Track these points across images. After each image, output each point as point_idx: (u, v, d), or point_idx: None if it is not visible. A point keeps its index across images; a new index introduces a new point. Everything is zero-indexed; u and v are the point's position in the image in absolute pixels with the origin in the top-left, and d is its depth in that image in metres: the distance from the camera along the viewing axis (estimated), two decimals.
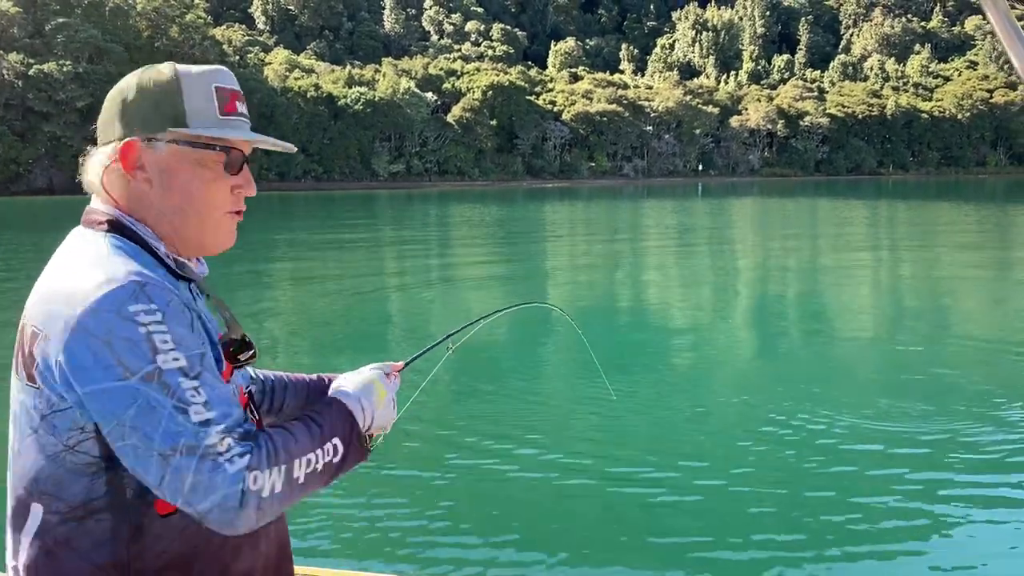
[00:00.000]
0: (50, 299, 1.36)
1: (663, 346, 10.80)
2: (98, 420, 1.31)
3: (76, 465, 1.35)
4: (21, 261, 21.97)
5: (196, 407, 1.30)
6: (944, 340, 10.83)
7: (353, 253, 23.59)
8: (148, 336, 1.30)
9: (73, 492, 1.35)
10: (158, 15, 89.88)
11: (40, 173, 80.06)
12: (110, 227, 1.45)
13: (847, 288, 16.05)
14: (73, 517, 1.36)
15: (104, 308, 1.30)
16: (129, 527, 1.37)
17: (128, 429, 1.28)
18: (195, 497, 1.28)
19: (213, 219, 1.50)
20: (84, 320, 1.30)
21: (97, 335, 1.29)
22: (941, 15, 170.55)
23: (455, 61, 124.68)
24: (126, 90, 1.48)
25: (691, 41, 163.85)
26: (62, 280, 1.37)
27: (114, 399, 1.28)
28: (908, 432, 6.81)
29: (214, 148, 1.47)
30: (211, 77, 1.49)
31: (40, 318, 1.35)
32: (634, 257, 22.74)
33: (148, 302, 1.32)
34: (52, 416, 1.34)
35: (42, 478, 1.37)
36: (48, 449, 1.35)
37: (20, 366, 1.39)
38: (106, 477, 1.35)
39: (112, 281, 1.32)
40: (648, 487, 5.82)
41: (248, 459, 1.30)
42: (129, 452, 1.29)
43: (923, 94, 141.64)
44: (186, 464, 1.27)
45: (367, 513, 5.37)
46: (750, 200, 58.63)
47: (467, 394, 8.22)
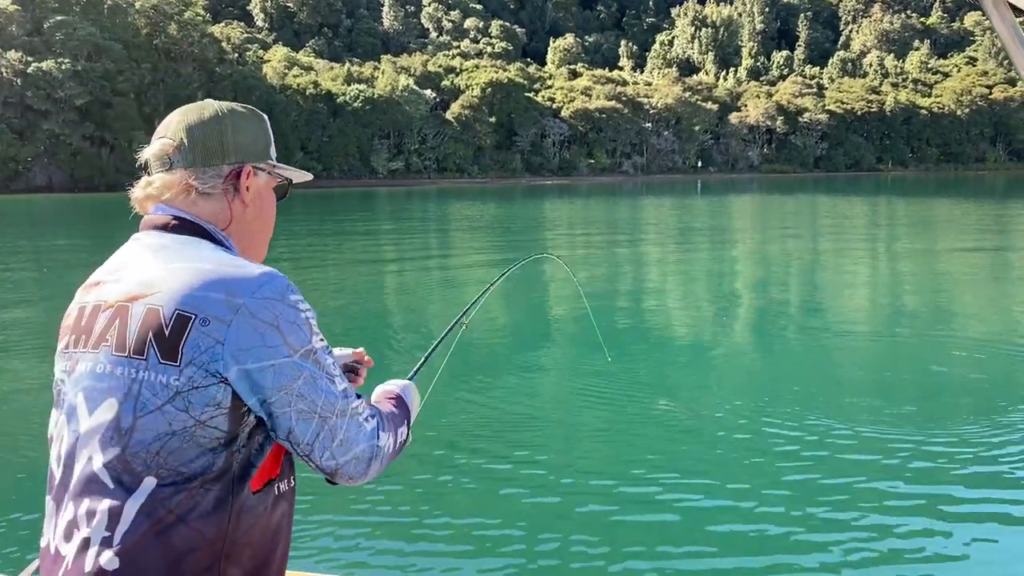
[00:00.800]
0: (201, 287, 1.49)
1: (664, 343, 10.78)
2: (267, 392, 1.48)
3: (202, 439, 1.47)
4: (19, 260, 21.95)
5: (338, 378, 1.57)
6: (947, 339, 10.81)
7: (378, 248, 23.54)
8: (307, 320, 1.54)
9: (193, 465, 1.47)
10: (157, 13, 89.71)
11: (39, 171, 79.96)
12: (201, 235, 1.63)
13: (850, 285, 16.05)
14: (187, 488, 1.47)
15: (272, 296, 1.50)
16: (231, 499, 1.50)
17: (295, 397, 1.49)
18: (340, 450, 1.55)
19: (267, 236, 1.79)
20: (253, 306, 1.48)
21: (265, 319, 1.48)
22: (940, 11, 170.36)
23: (454, 58, 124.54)
24: (225, 120, 1.67)
25: (690, 37, 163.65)
26: (208, 271, 1.52)
27: (285, 372, 1.49)
28: (907, 433, 6.80)
29: (287, 181, 1.80)
30: (268, 121, 1.79)
31: (187, 303, 1.48)
32: (633, 255, 22.73)
33: (299, 293, 1.56)
34: (190, 393, 1.46)
35: (164, 451, 1.47)
36: (176, 424, 1.46)
37: (140, 347, 1.49)
38: (225, 452, 1.49)
39: (271, 274, 1.54)
40: (647, 488, 5.82)
41: (376, 420, 1.63)
42: (293, 415, 1.50)
43: (922, 90, 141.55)
44: (340, 424, 1.54)
45: (360, 517, 5.36)
46: (749, 197, 58.60)
47: (465, 392, 8.21)
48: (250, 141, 1.70)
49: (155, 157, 1.65)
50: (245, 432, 1.51)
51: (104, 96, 79.54)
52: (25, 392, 8.60)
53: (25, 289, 16.33)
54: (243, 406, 1.49)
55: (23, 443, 6.99)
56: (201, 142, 1.64)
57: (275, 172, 1.75)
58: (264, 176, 1.73)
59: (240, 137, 1.68)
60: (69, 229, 32.47)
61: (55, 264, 20.62)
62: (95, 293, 1.59)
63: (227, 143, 1.66)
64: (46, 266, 20.08)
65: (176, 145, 1.64)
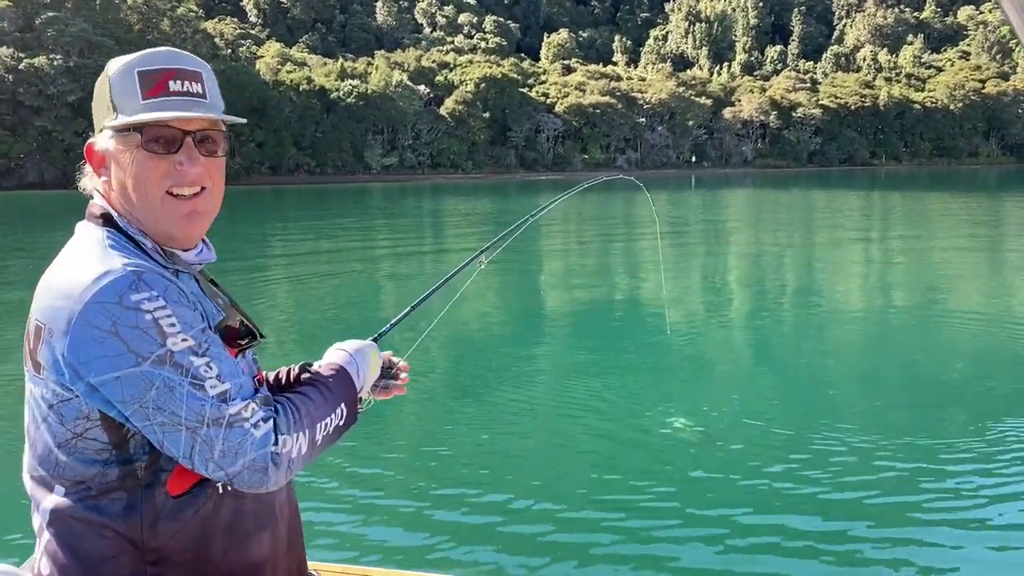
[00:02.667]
0: (51, 294, 1.41)
1: (661, 342, 10.83)
2: (118, 406, 1.37)
3: (86, 451, 1.41)
4: (14, 257, 21.90)
5: (211, 381, 1.39)
6: (952, 339, 10.88)
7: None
8: (155, 321, 1.37)
9: (87, 475, 1.42)
10: (149, 8, 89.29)
11: (31, 167, 79.58)
12: (104, 221, 1.51)
13: (848, 280, 16.11)
14: (89, 496, 1.42)
15: (106, 300, 1.35)
16: (143, 506, 1.43)
17: (152, 410, 1.36)
18: (225, 461, 1.38)
19: (154, 200, 1.51)
20: (87, 313, 1.35)
21: (102, 327, 1.34)
22: (934, 5, 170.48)
23: (448, 53, 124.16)
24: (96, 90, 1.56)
25: (684, 32, 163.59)
26: (61, 275, 1.42)
27: (132, 384, 1.35)
28: (896, 434, 6.85)
29: (128, 131, 1.50)
30: (135, 63, 1.52)
31: (43, 313, 1.41)
32: (628, 250, 22.77)
33: (148, 289, 1.38)
34: (59, 406, 1.40)
35: (59, 462, 1.43)
36: (58, 437, 1.42)
37: (27, 357, 1.46)
38: (117, 461, 1.42)
39: (109, 273, 1.38)
40: (650, 490, 5.86)
41: (274, 423, 1.44)
42: (156, 430, 1.37)
43: (916, 84, 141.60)
44: (214, 434, 1.38)
45: (374, 505, 5.39)
46: (743, 192, 58.66)
47: (457, 377, 8.24)
48: (96, 109, 1.54)
49: None
50: (136, 440, 1.41)
51: None
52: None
53: (19, 284, 16.32)
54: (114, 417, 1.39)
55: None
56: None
57: (115, 126, 1.50)
58: (106, 136, 1.52)
59: (95, 104, 1.55)
60: (62, 225, 32.25)
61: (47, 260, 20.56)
62: None
63: (95, 115, 1.55)
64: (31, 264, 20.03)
65: None
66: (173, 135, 1.51)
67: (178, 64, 1.53)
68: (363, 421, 1.65)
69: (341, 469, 5.91)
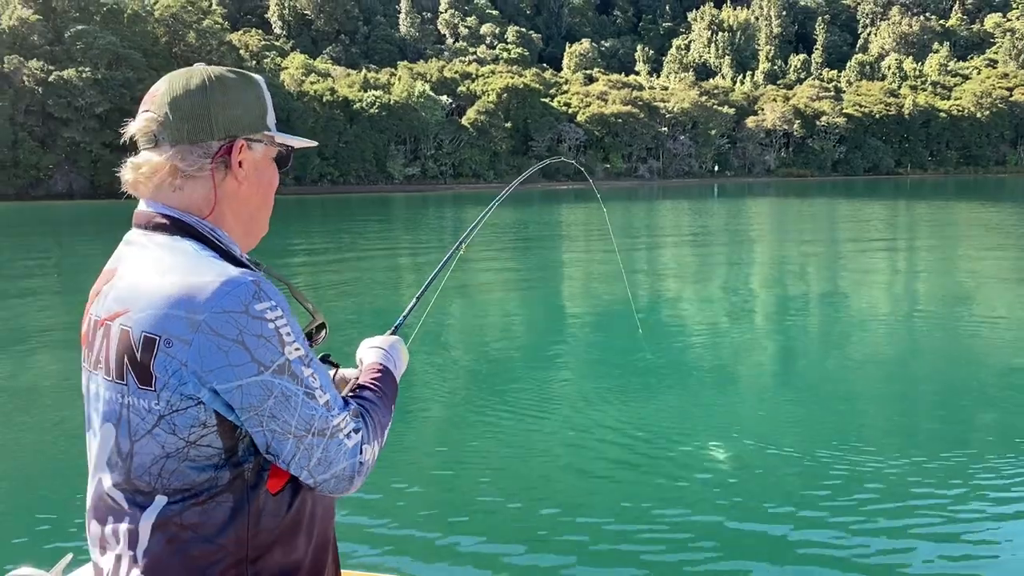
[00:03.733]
0: (162, 304, 1.39)
1: (683, 355, 10.75)
2: (236, 411, 1.40)
3: (199, 458, 1.42)
4: (47, 265, 22.20)
5: (318, 391, 1.44)
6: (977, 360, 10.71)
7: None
8: (276, 331, 1.40)
9: (197, 482, 1.43)
10: (175, 21, 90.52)
11: (60, 178, 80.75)
12: (184, 232, 1.50)
13: (876, 291, 15.93)
14: (196, 503, 1.43)
15: (232, 309, 1.38)
16: (249, 507, 1.45)
17: (267, 418, 1.40)
18: (319, 469, 1.44)
19: (267, 212, 1.65)
20: (212, 322, 1.37)
21: (228, 336, 1.37)
22: (960, 13, 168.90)
23: (470, 64, 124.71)
24: (213, 90, 1.51)
25: (707, 42, 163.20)
26: (167, 284, 1.41)
27: (253, 392, 1.38)
28: (920, 455, 6.74)
29: (286, 149, 1.63)
30: (264, 85, 1.61)
31: (152, 323, 1.39)
32: (650, 258, 22.69)
33: (268, 299, 1.41)
34: (172, 416, 1.40)
35: (165, 473, 1.43)
36: (169, 446, 1.42)
37: (120, 371, 1.44)
38: (228, 465, 1.44)
39: (231, 283, 1.39)
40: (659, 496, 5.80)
41: (361, 435, 1.50)
42: (267, 435, 1.41)
43: (941, 93, 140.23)
44: (316, 443, 1.43)
45: (397, 511, 5.38)
46: (767, 201, 58.29)
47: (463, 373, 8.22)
48: (242, 112, 1.53)
49: (140, 133, 1.52)
50: (245, 443, 1.44)
51: (124, 104, 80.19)
52: (56, 388, 8.70)
53: (47, 293, 16.52)
54: (230, 422, 1.42)
55: (56, 438, 7.08)
56: (187, 117, 1.49)
57: (273, 142, 1.59)
58: (260, 148, 1.57)
59: (231, 108, 1.52)
60: (88, 234, 32.79)
61: (75, 269, 20.84)
62: (96, 304, 1.53)
63: (215, 116, 1.50)
64: (57, 273, 20.24)
65: (160, 120, 1.50)
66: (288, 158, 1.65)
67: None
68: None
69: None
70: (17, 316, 13.85)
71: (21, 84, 78.00)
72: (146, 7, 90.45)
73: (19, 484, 6.32)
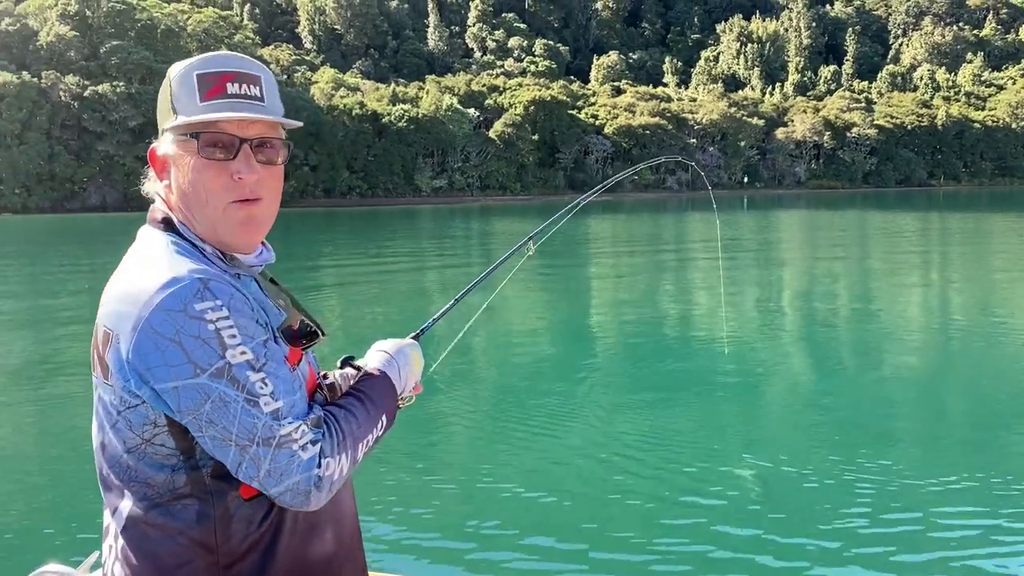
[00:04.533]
0: (118, 299, 1.40)
1: (718, 371, 10.62)
2: (176, 413, 1.36)
3: (155, 457, 1.40)
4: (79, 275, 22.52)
5: (265, 398, 1.37)
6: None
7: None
8: (217, 332, 1.35)
9: (157, 481, 1.41)
10: (208, 36, 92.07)
11: (94, 191, 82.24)
12: (166, 226, 1.50)
13: (914, 306, 15.67)
14: (161, 503, 1.41)
15: (171, 307, 1.34)
16: (215, 511, 1.42)
17: (205, 423, 1.35)
18: (270, 481, 1.37)
19: (213, 209, 1.48)
20: (152, 320, 1.34)
21: (166, 335, 1.33)
22: (994, 23, 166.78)
23: (498, 77, 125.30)
24: (160, 91, 1.56)
25: (736, 53, 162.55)
26: (127, 281, 1.42)
27: (188, 396, 1.33)
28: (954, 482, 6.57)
29: (186, 136, 1.48)
30: (195, 65, 1.50)
31: (110, 318, 1.41)
32: (679, 268, 22.54)
33: (213, 298, 1.36)
34: (126, 412, 1.40)
35: (128, 468, 1.43)
36: (128, 443, 1.42)
37: (96, 363, 1.46)
38: (186, 467, 1.41)
39: (176, 280, 1.36)
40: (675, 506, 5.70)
41: (320, 446, 1.40)
42: (207, 442, 1.37)
43: (975, 103, 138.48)
44: (263, 453, 1.36)
45: (422, 513, 5.34)
46: (797, 213, 57.78)
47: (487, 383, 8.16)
48: (158, 111, 1.54)
49: None
50: (209, 449, 1.39)
51: (157, 118, 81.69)
52: (90, 385, 8.79)
53: (86, 300, 16.76)
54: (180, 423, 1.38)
55: (89, 434, 7.14)
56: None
57: (179, 129, 1.48)
58: (169, 140, 1.51)
59: (158, 108, 1.54)
60: (121, 244, 33.18)
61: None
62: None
63: (159, 119, 1.54)
64: (88, 283, 20.54)
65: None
66: (230, 140, 1.47)
67: (237, 67, 1.50)
68: (406, 444, 1.66)
69: (400, 481, 5.87)
70: (52, 319, 14.06)
71: (58, 99, 79.67)
72: (179, 23, 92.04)
73: (52, 480, 6.35)
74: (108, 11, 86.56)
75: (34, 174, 78.60)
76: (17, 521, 5.62)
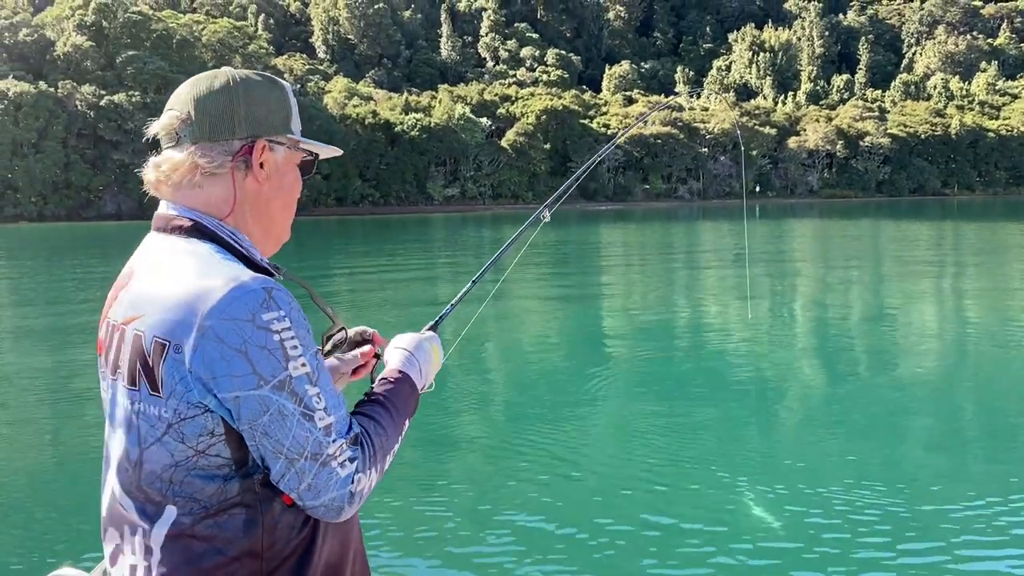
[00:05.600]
0: (172, 307, 1.36)
1: (729, 389, 10.61)
2: (234, 422, 1.36)
3: (208, 468, 1.38)
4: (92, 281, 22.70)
5: (319, 413, 1.38)
6: None
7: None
8: (281, 343, 1.35)
9: (207, 492, 1.39)
10: (222, 46, 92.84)
11: (109, 199, 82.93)
12: (202, 234, 1.47)
13: (941, 322, 15.60)
14: (208, 515, 1.39)
15: (239, 316, 1.33)
16: (263, 519, 1.41)
17: (260, 434, 1.35)
18: (308, 495, 1.38)
19: (288, 217, 1.62)
20: (219, 329, 1.33)
21: (232, 344, 1.33)
22: (1009, 32, 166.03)
23: (510, 86, 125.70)
24: (237, 89, 1.50)
25: (748, 62, 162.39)
26: (179, 288, 1.38)
27: (249, 406, 1.34)
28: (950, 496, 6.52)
29: (310, 155, 1.62)
30: (291, 90, 1.61)
31: (162, 328, 1.37)
32: (691, 277, 22.50)
33: (277, 308, 1.36)
34: (180, 424, 1.37)
35: (175, 481, 1.39)
36: (178, 455, 1.38)
37: (133, 376, 1.41)
38: (238, 476, 1.40)
39: (241, 288, 1.35)
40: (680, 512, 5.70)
41: (356, 464, 1.42)
42: (260, 450, 1.38)
43: (990, 112, 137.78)
44: (308, 468, 1.37)
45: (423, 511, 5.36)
46: (810, 222, 57.54)
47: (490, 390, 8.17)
48: (265, 113, 1.52)
49: (163, 131, 1.54)
50: (258, 456, 1.40)
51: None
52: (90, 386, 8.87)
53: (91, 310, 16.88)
54: (237, 432, 1.38)
55: (101, 439, 7.20)
56: (209, 114, 1.48)
57: (297, 146, 1.57)
58: (283, 151, 1.55)
59: (254, 108, 1.50)
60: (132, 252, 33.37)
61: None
62: (113, 309, 1.50)
63: (238, 115, 1.49)
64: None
65: (183, 118, 1.50)
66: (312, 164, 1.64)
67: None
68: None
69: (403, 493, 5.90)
70: (65, 324, 14.18)
71: (74, 108, 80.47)
72: (194, 33, 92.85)
73: (66, 484, 6.42)
74: (124, 21, 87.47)
75: (50, 182, 79.37)
76: (33, 525, 5.68)
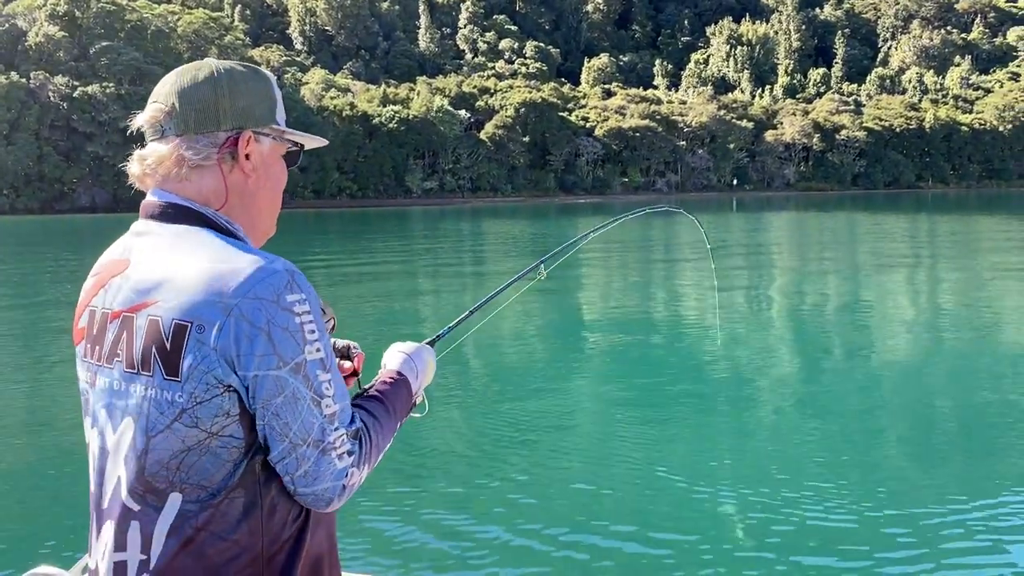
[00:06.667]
0: (195, 291, 1.36)
1: (705, 386, 10.68)
2: (248, 399, 1.37)
3: (220, 450, 1.38)
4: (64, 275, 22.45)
5: (327, 400, 1.40)
6: None
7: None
8: (301, 326, 1.37)
9: (216, 478, 1.39)
10: (198, 37, 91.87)
11: (83, 192, 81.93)
12: (203, 222, 1.48)
13: (917, 314, 15.77)
14: (211, 502, 1.39)
15: (264, 296, 1.35)
16: (261, 501, 1.42)
17: (271, 414, 1.37)
18: (302, 481, 1.40)
19: (276, 208, 1.63)
20: (244, 307, 1.34)
21: (257, 323, 1.34)
22: (982, 27, 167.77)
23: (488, 79, 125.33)
24: (221, 80, 1.50)
25: (725, 56, 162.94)
26: (202, 271, 1.38)
27: (266, 386, 1.35)
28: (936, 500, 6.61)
29: (296, 146, 1.63)
30: (272, 78, 1.61)
31: (185, 310, 1.36)
32: (668, 272, 22.61)
33: (299, 291, 1.38)
34: (194, 409, 1.37)
35: (183, 468, 1.39)
36: (189, 440, 1.38)
37: (147, 362, 1.40)
38: (245, 457, 1.40)
39: (265, 269, 1.37)
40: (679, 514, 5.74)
41: (353, 458, 1.44)
42: (263, 430, 1.39)
43: (963, 106, 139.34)
44: (309, 455, 1.39)
45: (400, 516, 5.36)
46: (787, 215, 57.98)
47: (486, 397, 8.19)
48: (250, 104, 1.52)
49: (147, 124, 1.51)
50: (262, 436, 1.40)
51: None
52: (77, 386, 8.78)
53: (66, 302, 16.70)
54: (250, 414, 1.39)
55: (80, 436, 7.14)
56: (194, 106, 1.47)
57: (282, 137, 1.58)
58: (268, 142, 1.55)
59: (239, 99, 1.50)
60: (107, 244, 33.00)
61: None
62: (103, 296, 1.49)
63: (223, 106, 1.49)
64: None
65: (167, 110, 1.48)
66: (297, 155, 1.65)
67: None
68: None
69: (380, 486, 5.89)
70: (38, 319, 14.01)
71: (47, 99, 79.33)
72: (169, 24, 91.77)
73: (44, 482, 6.35)
74: (98, 11, 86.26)
75: (23, 175, 78.30)
76: (9, 524, 5.62)
